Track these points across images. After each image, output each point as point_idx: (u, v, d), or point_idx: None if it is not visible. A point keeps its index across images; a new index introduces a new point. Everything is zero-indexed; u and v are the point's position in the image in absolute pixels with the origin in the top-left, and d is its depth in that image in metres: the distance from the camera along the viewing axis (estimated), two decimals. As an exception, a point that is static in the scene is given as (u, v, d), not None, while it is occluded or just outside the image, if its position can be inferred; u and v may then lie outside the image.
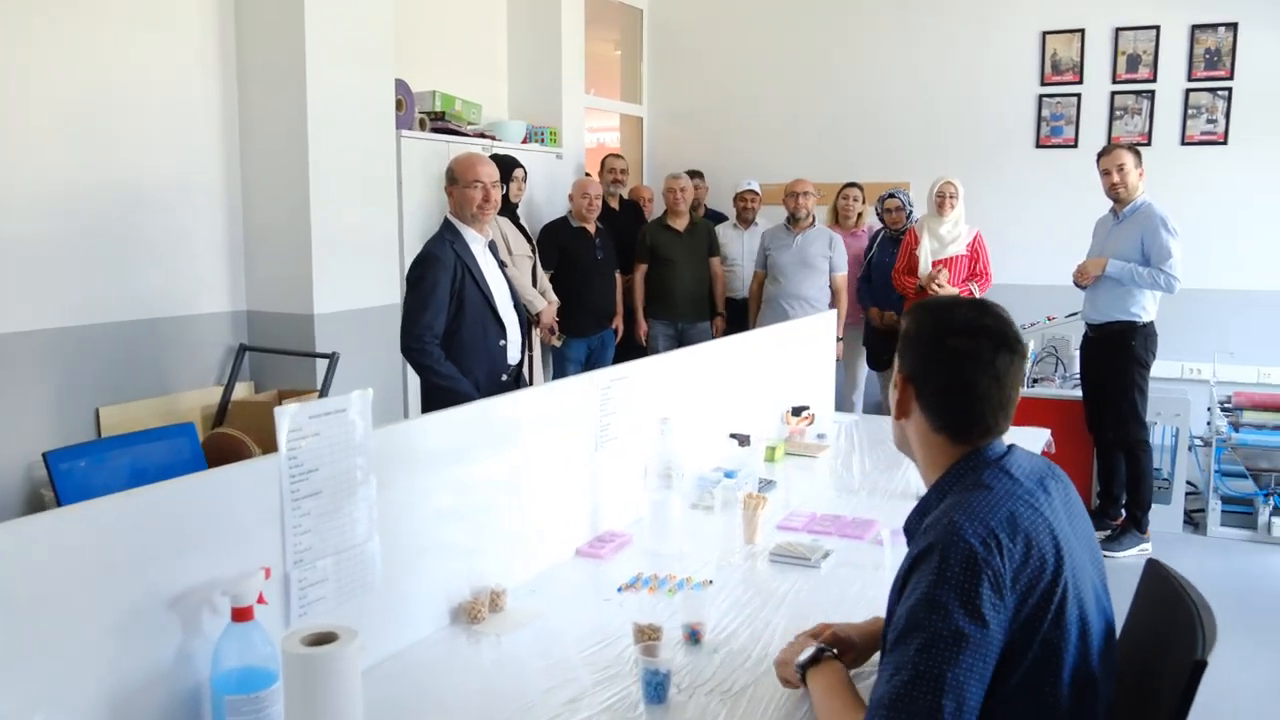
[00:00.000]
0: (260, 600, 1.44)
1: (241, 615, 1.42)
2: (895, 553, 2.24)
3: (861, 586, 2.15)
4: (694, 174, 6.43)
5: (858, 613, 2.01)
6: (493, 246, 3.59)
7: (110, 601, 1.34)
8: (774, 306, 5.67)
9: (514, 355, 3.54)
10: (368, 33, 4.66)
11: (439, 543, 1.94)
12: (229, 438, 3.97)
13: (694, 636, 1.86)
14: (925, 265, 5.29)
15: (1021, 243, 6.18)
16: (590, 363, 5.70)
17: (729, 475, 2.33)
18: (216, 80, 4.41)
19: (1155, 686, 1.46)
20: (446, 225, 3.45)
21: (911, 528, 1.55)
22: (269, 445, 4.09)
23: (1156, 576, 1.66)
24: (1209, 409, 5.12)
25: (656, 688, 1.63)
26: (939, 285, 5.15)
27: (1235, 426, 4.87)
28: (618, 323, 5.79)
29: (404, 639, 1.85)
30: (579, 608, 2.06)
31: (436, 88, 5.41)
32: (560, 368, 5.67)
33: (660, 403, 2.67)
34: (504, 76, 6.41)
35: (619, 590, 2.13)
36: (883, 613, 1.99)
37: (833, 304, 5.66)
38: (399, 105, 4.97)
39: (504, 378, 3.48)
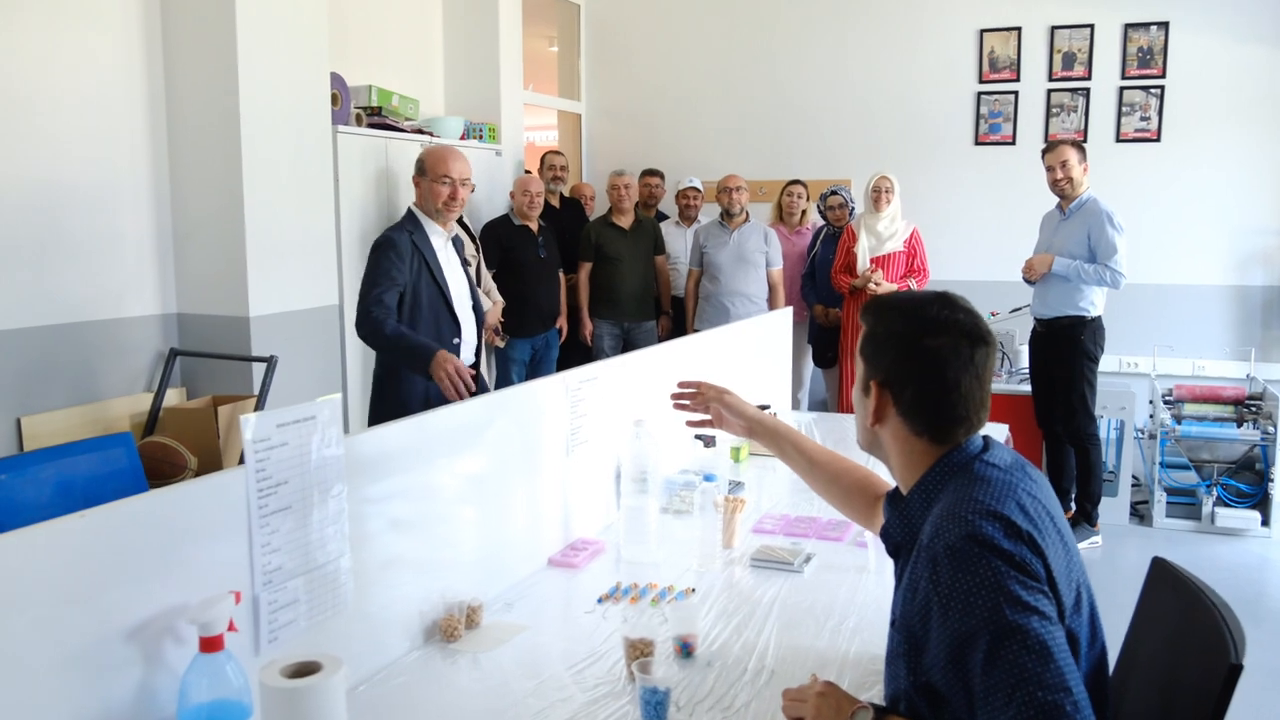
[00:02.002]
0: (231, 628, 1.32)
1: (211, 645, 1.29)
2: (880, 555, 2.18)
3: (850, 590, 2.08)
4: (652, 172, 6.35)
5: (850, 617, 1.95)
6: (457, 242, 3.46)
7: (62, 634, 1.20)
8: (714, 304, 5.61)
9: (467, 356, 3.38)
10: (301, 24, 4.47)
11: (405, 557, 1.81)
12: (162, 446, 3.78)
13: (686, 650, 1.77)
14: (863, 262, 5.29)
15: (961, 239, 6.23)
16: (534, 363, 5.59)
17: (708, 478, 2.25)
18: (142, 72, 4.19)
19: (1179, 691, 1.41)
20: (409, 215, 3.33)
21: (895, 533, 1.46)
22: (204, 454, 3.93)
23: (1166, 576, 1.62)
24: (1150, 402, 5.19)
25: (656, 707, 1.53)
26: (876, 284, 5.15)
27: (1177, 419, 4.95)
28: (562, 322, 5.68)
29: (376, 662, 1.73)
30: (559, 621, 1.96)
31: (372, 82, 5.24)
32: (504, 369, 5.55)
33: (626, 404, 2.57)
34: (440, 72, 6.25)
35: (599, 601, 2.03)
36: (873, 616, 1.94)
37: (770, 299, 5.63)
38: (334, 100, 4.79)
39: None
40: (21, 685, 1.15)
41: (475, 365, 3.47)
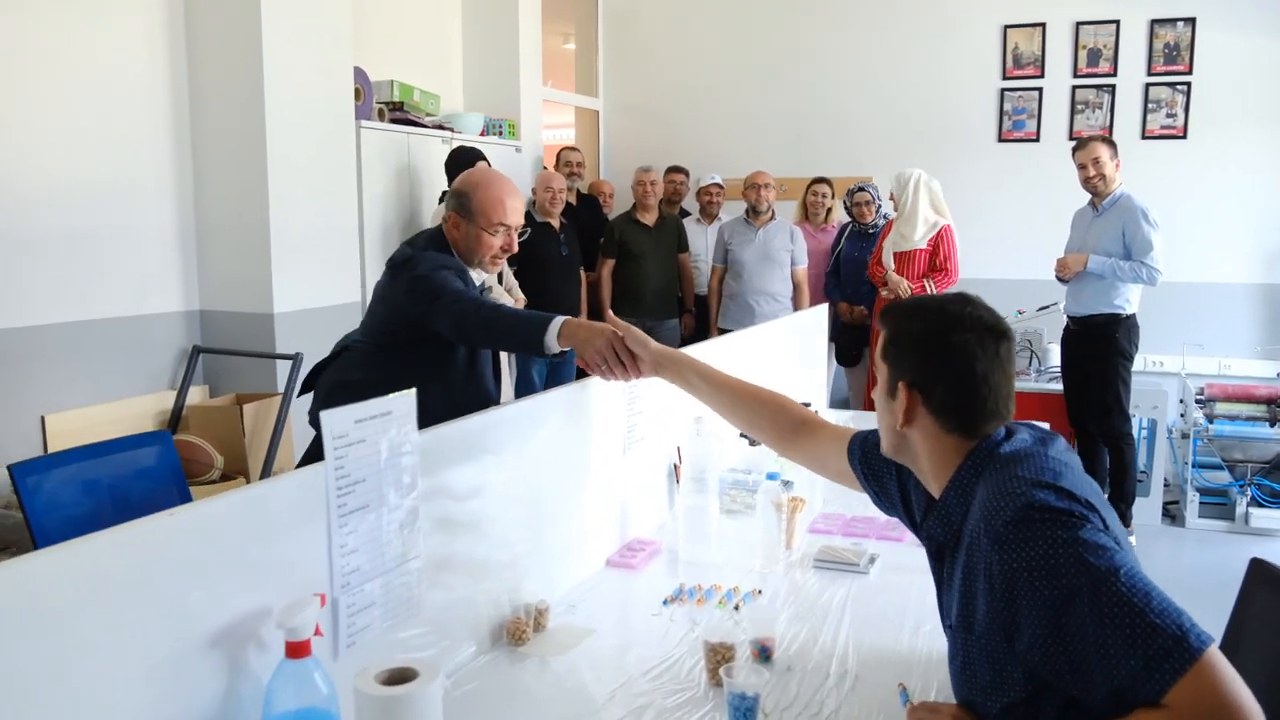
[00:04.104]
0: (317, 632, 1.26)
1: (298, 651, 1.23)
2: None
3: (920, 592, 2.02)
4: (676, 169, 6.29)
5: (926, 621, 1.89)
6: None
7: (148, 639, 1.14)
8: (739, 302, 5.55)
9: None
10: (326, 17, 4.42)
11: (464, 559, 1.75)
12: (189, 445, 3.73)
13: (764, 653, 1.71)
14: (887, 257, 5.23)
15: (985, 236, 6.16)
16: (555, 364, 5.52)
17: (771, 476, 2.20)
18: (166, 69, 4.13)
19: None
20: (442, 245, 2.48)
21: (938, 534, 1.43)
22: (230, 453, 3.87)
23: (1267, 576, 1.56)
24: (1181, 401, 5.13)
25: (746, 713, 1.47)
26: (901, 294, 5.09)
27: (1210, 418, 4.89)
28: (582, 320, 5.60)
29: (444, 667, 1.66)
30: (627, 624, 1.90)
31: (394, 77, 5.18)
32: (524, 368, 5.48)
33: (679, 402, 2.51)
34: (459, 67, 6.20)
35: (665, 603, 1.97)
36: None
37: (795, 298, 5.58)
38: (357, 95, 4.73)
39: None
40: (105, 692, 1.10)
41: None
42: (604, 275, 5.68)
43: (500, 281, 5.00)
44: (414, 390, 1.54)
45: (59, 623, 1.05)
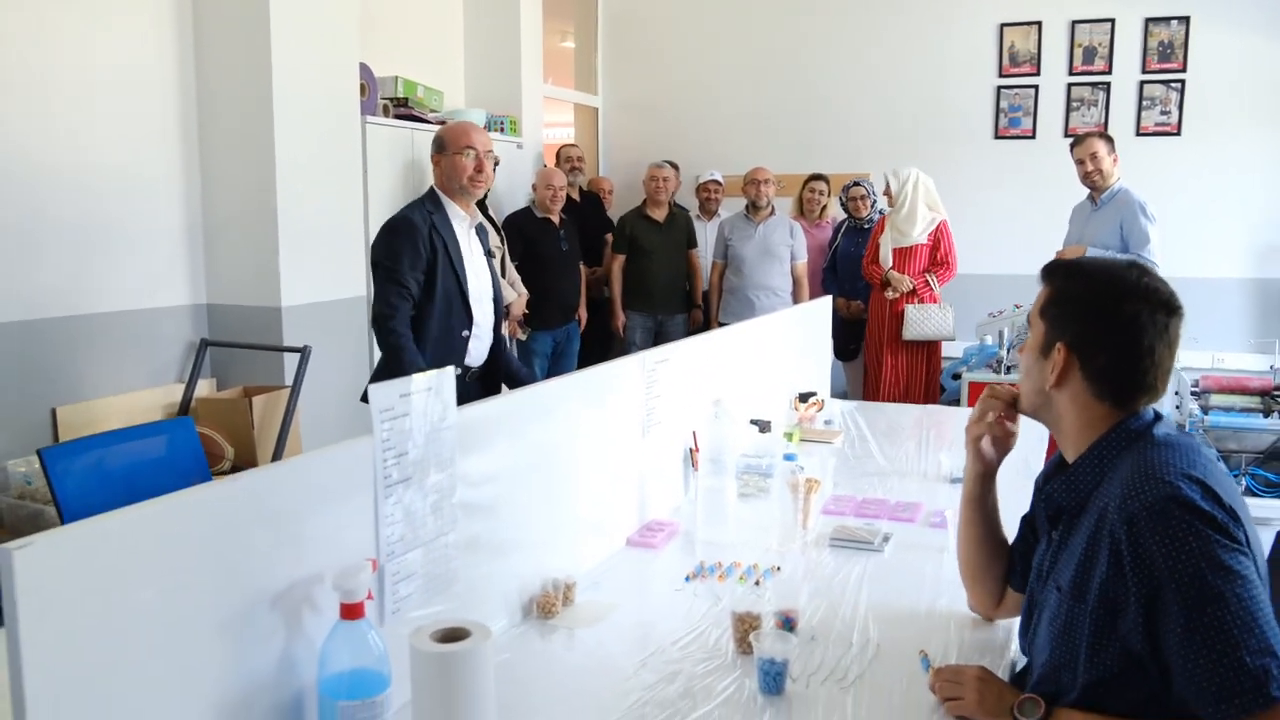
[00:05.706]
0: (369, 596, 1.31)
1: (352, 612, 1.28)
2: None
3: (935, 568, 2.08)
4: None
5: (942, 595, 1.94)
6: (482, 231, 3.21)
7: (208, 602, 1.18)
8: (739, 297, 5.61)
9: (479, 351, 3.10)
10: (332, 13, 4.45)
11: (490, 536, 1.78)
12: (200, 436, 3.75)
13: (788, 624, 1.76)
14: (885, 254, 5.28)
15: (981, 233, 6.22)
16: (556, 356, 5.58)
17: (788, 458, 2.25)
18: (174, 63, 4.16)
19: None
20: (430, 194, 3.08)
21: (1061, 498, 1.45)
22: (239, 445, 3.90)
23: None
24: (1176, 393, 5.20)
25: (775, 678, 1.53)
26: (900, 286, 5.15)
27: (1205, 410, 4.95)
28: (581, 313, 5.67)
29: (478, 637, 1.71)
30: (652, 599, 1.95)
31: (397, 74, 5.22)
32: (526, 362, 5.50)
33: (696, 386, 2.56)
34: (460, 64, 6.24)
35: (686, 580, 2.02)
36: (962, 596, 1.93)
37: (794, 292, 5.63)
38: (362, 90, 4.77)
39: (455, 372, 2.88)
40: (171, 653, 1.14)
41: (495, 360, 3.19)
42: (615, 271, 5.73)
43: (504, 275, 5.05)
44: (452, 368, 1.59)
45: (124, 585, 1.08)
